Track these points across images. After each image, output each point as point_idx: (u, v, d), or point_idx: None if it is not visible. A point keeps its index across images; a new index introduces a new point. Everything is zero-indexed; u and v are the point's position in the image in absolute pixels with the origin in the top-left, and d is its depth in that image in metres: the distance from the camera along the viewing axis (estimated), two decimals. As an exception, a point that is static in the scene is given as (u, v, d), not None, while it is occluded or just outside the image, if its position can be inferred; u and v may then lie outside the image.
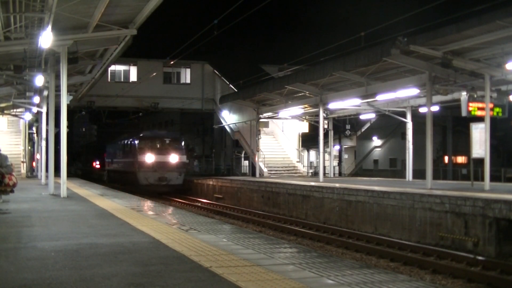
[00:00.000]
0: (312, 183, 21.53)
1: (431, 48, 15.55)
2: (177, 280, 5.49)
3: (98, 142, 69.98)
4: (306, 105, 26.86)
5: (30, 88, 24.55)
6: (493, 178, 19.60)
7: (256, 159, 31.97)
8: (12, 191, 13.25)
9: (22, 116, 32.30)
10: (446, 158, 42.22)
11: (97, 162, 50.14)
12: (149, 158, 31.52)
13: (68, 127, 17.47)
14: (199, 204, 27.85)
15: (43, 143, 25.28)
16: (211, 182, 31.72)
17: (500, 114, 17.31)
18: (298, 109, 28.27)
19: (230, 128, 37.45)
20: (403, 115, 25.37)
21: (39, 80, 19.74)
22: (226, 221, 19.25)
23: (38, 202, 14.88)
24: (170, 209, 13.83)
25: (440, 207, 13.82)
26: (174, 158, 32.04)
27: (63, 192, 16.51)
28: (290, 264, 6.43)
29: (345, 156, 52.57)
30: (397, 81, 19.94)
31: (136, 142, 32.88)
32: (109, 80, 37.43)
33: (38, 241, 7.95)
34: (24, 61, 17.22)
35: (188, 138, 49.13)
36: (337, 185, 19.94)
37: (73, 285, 5.26)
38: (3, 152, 13.41)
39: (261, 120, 31.95)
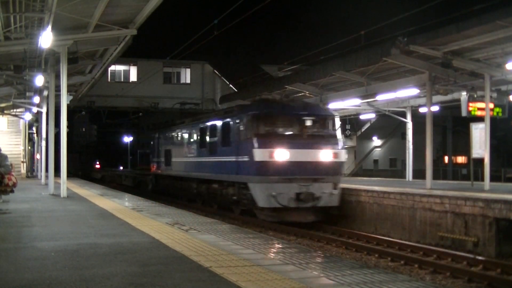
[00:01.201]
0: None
1: (431, 48, 15.55)
2: (177, 280, 5.49)
3: (97, 141, 69.99)
4: (306, 105, 26.83)
5: (30, 88, 24.55)
6: (493, 178, 19.58)
7: None
8: (12, 191, 13.25)
9: (22, 116, 32.29)
10: (446, 158, 42.23)
11: (97, 163, 50.13)
12: (279, 155, 16.25)
13: (68, 127, 17.49)
14: None
15: (43, 143, 25.30)
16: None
17: (500, 114, 17.32)
18: (298, 109, 28.21)
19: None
20: (403, 115, 25.37)
21: (39, 80, 19.75)
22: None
23: (38, 202, 14.88)
24: (170, 209, 13.83)
25: (440, 207, 13.81)
26: (326, 155, 16.83)
27: (63, 192, 16.52)
28: (290, 264, 6.42)
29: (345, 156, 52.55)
30: (397, 81, 19.95)
31: (248, 122, 16.95)
32: (109, 80, 37.41)
33: (38, 241, 7.95)
34: (24, 61, 17.23)
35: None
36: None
37: (73, 285, 5.25)
38: (3, 152, 13.42)
39: (261, 120, 31.78)
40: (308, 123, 17.23)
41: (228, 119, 18.70)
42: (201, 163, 21.26)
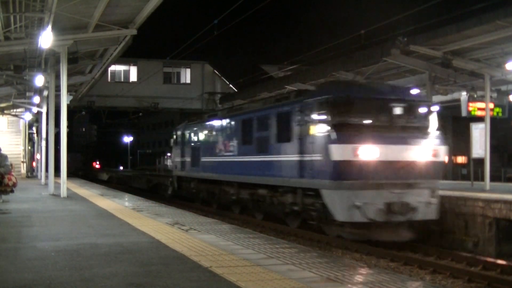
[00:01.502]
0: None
1: (431, 48, 15.56)
2: (177, 280, 5.49)
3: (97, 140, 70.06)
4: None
5: (30, 88, 24.58)
6: (493, 178, 19.59)
7: None
8: (12, 191, 13.27)
9: (22, 116, 32.33)
10: (446, 158, 42.22)
11: (97, 162, 50.03)
12: (365, 152, 12.40)
13: (68, 127, 17.51)
14: None
15: (43, 143, 25.32)
16: None
17: (500, 114, 17.34)
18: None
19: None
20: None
21: (39, 80, 19.77)
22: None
23: (38, 202, 14.89)
24: (170, 209, 13.83)
25: (440, 207, 13.80)
26: (424, 153, 13.02)
27: (63, 192, 16.53)
28: (290, 264, 6.43)
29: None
30: (397, 81, 19.95)
31: (320, 110, 12.95)
32: (109, 80, 37.42)
33: (38, 241, 7.95)
34: (24, 61, 17.27)
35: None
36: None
37: (73, 285, 5.26)
38: (3, 152, 13.44)
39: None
40: (400, 111, 13.22)
41: (286, 107, 14.53)
42: (245, 164, 16.96)
